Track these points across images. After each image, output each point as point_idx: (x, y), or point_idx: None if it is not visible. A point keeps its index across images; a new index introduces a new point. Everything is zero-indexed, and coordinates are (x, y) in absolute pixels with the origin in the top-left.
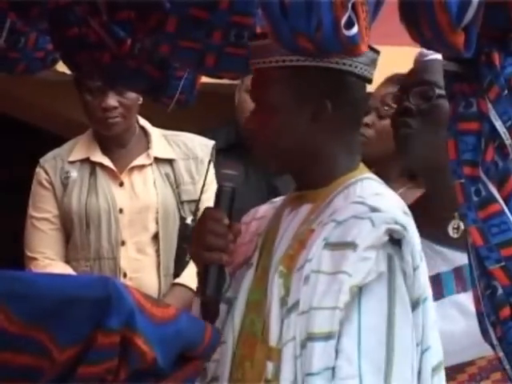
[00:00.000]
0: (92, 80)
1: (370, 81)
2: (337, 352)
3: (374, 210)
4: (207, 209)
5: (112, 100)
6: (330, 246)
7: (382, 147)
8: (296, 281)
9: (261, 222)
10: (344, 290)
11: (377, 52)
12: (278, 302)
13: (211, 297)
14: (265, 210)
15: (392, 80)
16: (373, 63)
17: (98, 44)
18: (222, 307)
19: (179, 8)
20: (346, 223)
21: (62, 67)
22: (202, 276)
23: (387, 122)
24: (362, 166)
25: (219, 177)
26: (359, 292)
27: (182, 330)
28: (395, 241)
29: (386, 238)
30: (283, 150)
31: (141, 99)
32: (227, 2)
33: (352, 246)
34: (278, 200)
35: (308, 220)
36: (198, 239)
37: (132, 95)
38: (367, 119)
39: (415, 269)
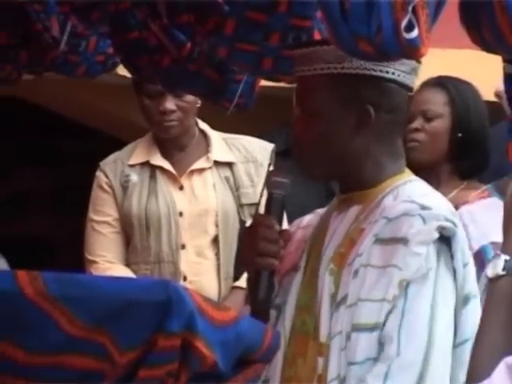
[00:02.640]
0: (152, 83)
1: (411, 89)
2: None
3: (424, 207)
4: (259, 215)
5: (170, 103)
6: (381, 241)
7: (435, 150)
8: (345, 276)
9: (306, 231)
10: (393, 283)
11: (418, 61)
12: (328, 298)
13: (263, 301)
14: (309, 219)
15: (433, 83)
16: (414, 71)
17: (157, 47)
18: (272, 313)
19: (237, 10)
20: (397, 220)
21: (122, 71)
22: (252, 282)
23: (436, 123)
24: (407, 170)
25: (270, 184)
26: (407, 286)
27: (243, 333)
28: (444, 238)
29: (437, 234)
30: (327, 156)
31: (199, 102)
32: (285, 4)
33: (403, 241)
34: (322, 210)
35: (358, 220)
36: (250, 245)
37: (190, 98)
38: (416, 124)
39: (465, 265)
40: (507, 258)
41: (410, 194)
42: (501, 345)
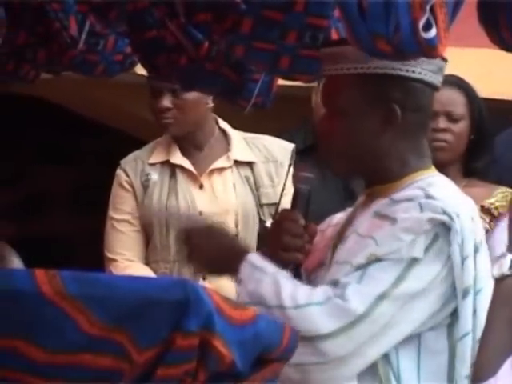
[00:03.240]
0: (169, 83)
1: (437, 88)
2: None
3: (428, 196)
4: (284, 210)
5: (166, 101)
6: (376, 215)
7: (458, 150)
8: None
9: (335, 228)
10: (364, 253)
11: (444, 60)
12: None
13: None
14: (340, 217)
15: (451, 82)
16: (440, 71)
17: (175, 46)
18: None
19: (254, 9)
20: (399, 202)
21: (141, 70)
22: None
23: (461, 124)
24: (433, 167)
25: (296, 179)
26: (374, 261)
27: (261, 332)
28: (447, 229)
29: (428, 225)
30: (353, 154)
31: (209, 102)
32: (302, 3)
33: (392, 220)
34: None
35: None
36: (275, 240)
37: (188, 96)
38: (442, 124)
39: (464, 258)
40: None
41: (428, 183)
42: (507, 344)
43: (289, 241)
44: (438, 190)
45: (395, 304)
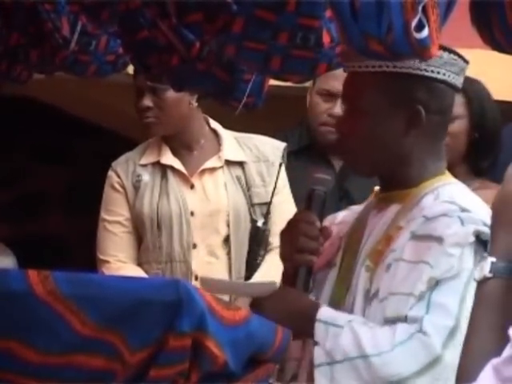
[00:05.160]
0: (160, 83)
1: (458, 90)
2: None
3: (463, 210)
4: (300, 211)
5: (147, 100)
6: (416, 237)
7: (454, 151)
8: (380, 272)
9: (341, 227)
10: (423, 280)
11: (466, 61)
12: (362, 294)
13: None
14: (344, 215)
15: None
16: (462, 72)
17: (166, 47)
18: None
19: (246, 9)
20: (435, 219)
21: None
22: (288, 277)
23: (456, 125)
24: (447, 172)
25: (312, 181)
26: (435, 285)
27: (253, 332)
28: (481, 242)
29: (473, 238)
30: (374, 155)
31: (194, 102)
32: (294, 3)
33: (438, 240)
34: (357, 207)
35: (397, 219)
36: (290, 241)
37: (169, 96)
38: None
39: None
40: (494, 260)
41: (451, 195)
42: (489, 348)
43: (304, 243)
44: (466, 201)
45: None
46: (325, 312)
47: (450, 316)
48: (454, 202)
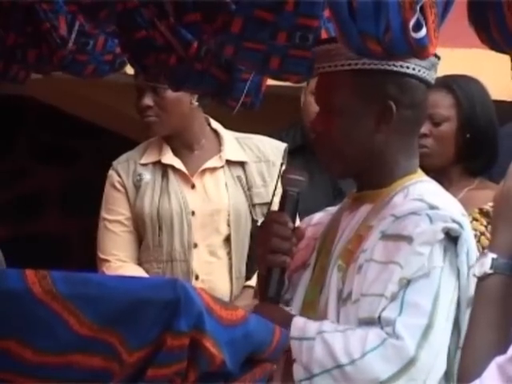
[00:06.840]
0: (158, 83)
1: (430, 85)
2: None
3: (432, 207)
4: (272, 212)
5: (147, 99)
6: (386, 237)
7: (444, 154)
8: (351, 272)
9: (317, 228)
10: (393, 280)
11: (437, 57)
12: (335, 295)
13: (273, 298)
14: (320, 216)
15: (438, 84)
16: (434, 67)
17: (164, 47)
18: None
19: (244, 9)
20: (404, 218)
21: (131, 70)
22: (263, 278)
23: (443, 127)
24: (419, 170)
25: (285, 181)
26: (407, 285)
27: (251, 332)
28: (451, 238)
29: (442, 235)
30: (348, 153)
31: (194, 102)
32: (292, 3)
33: (408, 239)
34: (333, 208)
35: (368, 218)
36: (263, 242)
37: (169, 95)
38: (424, 129)
39: (470, 267)
40: (494, 256)
41: (420, 192)
42: (491, 344)
43: (277, 243)
44: (435, 199)
45: (440, 329)
46: (296, 325)
47: (423, 315)
48: (423, 200)
